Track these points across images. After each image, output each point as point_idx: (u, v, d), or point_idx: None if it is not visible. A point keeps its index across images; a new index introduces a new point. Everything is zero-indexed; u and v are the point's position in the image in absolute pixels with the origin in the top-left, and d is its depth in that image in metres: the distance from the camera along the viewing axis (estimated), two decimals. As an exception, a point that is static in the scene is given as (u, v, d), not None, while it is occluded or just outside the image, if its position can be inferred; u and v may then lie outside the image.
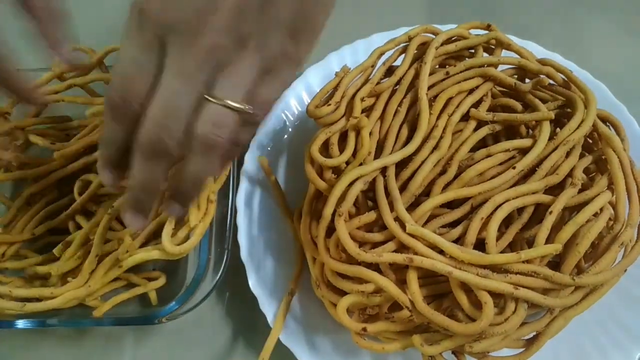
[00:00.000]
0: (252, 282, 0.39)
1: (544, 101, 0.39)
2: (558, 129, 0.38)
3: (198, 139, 0.27)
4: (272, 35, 0.27)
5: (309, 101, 0.47)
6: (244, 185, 0.43)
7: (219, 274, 0.38)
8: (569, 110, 0.39)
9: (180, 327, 0.42)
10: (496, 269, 0.32)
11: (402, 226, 0.33)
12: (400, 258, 0.32)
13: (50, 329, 0.42)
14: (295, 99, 0.47)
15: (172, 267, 0.42)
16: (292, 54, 0.29)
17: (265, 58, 0.27)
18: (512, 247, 0.35)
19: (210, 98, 0.26)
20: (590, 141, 0.39)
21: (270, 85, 0.29)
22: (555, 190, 0.36)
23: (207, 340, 0.42)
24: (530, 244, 0.35)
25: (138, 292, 0.40)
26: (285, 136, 0.46)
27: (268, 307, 0.39)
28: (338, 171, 0.37)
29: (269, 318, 0.38)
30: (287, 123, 0.47)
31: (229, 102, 0.26)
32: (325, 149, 0.38)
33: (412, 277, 0.32)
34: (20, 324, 0.37)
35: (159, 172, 0.28)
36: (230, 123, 0.27)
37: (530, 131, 0.39)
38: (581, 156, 0.37)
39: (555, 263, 0.35)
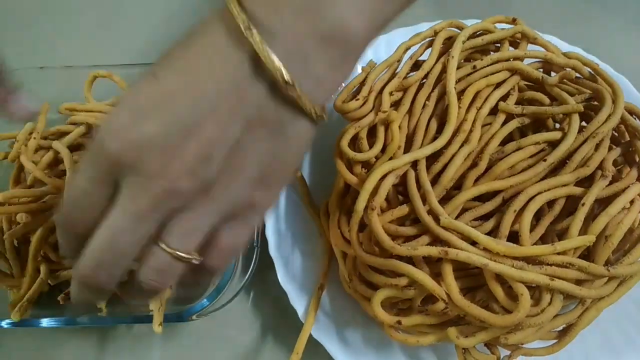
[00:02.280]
0: (282, 278, 0.39)
1: (569, 95, 0.39)
2: (583, 122, 0.38)
3: (139, 282, 0.25)
4: (239, 183, 0.25)
5: (333, 95, 0.48)
6: (269, 181, 0.43)
7: (250, 271, 0.38)
8: (595, 103, 0.39)
9: (207, 325, 0.42)
10: (530, 260, 0.32)
11: (436, 219, 0.34)
12: (435, 251, 0.32)
13: (78, 328, 0.42)
14: (318, 94, 0.47)
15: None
16: (260, 201, 0.26)
17: (228, 205, 0.25)
18: (543, 239, 0.36)
19: (159, 243, 0.24)
20: (617, 134, 0.39)
21: (232, 232, 0.26)
22: (583, 182, 0.36)
23: (235, 338, 0.42)
24: (560, 236, 0.35)
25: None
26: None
27: (298, 302, 0.39)
28: (367, 166, 0.37)
29: (300, 313, 0.38)
30: (310, 119, 0.47)
31: (178, 252, 0.24)
32: (352, 143, 0.38)
33: (448, 270, 0.32)
34: (49, 322, 0.37)
35: (94, 299, 0.27)
36: (177, 271, 0.25)
37: (557, 125, 0.39)
38: (609, 149, 0.37)
39: (583, 255, 0.35)
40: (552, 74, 0.40)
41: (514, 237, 0.34)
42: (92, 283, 0.25)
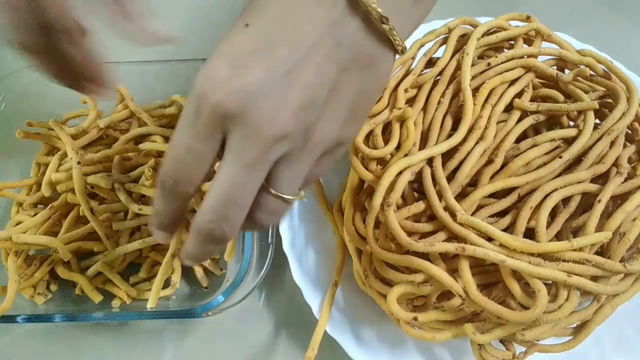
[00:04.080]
0: (296, 274, 0.39)
1: (584, 92, 0.39)
2: (597, 120, 0.38)
3: (254, 223, 0.26)
4: (335, 124, 0.26)
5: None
6: (283, 178, 0.43)
7: (264, 267, 0.38)
8: (609, 100, 0.39)
9: (220, 321, 0.42)
10: (547, 257, 0.32)
11: (452, 216, 0.34)
12: (452, 247, 0.33)
13: (91, 324, 0.42)
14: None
15: (212, 261, 0.43)
16: (348, 137, 0.27)
17: (325, 145, 0.26)
18: (558, 236, 0.36)
19: (270, 190, 0.25)
20: (630, 132, 0.39)
21: (322, 166, 0.27)
22: (598, 180, 0.36)
23: (250, 334, 0.42)
24: (575, 233, 0.36)
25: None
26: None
27: (312, 299, 0.39)
28: (382, 162, 0.37)
29: (314, 309, 0.38)
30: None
31: (287, 196, 0.25)
32: (367, 140, 0.38)
33: (465, 266, 0.32)
34: (63, 317, 0.37)
35: (212, 250, 0.27)
36: (286, 210, 0.27)
37: (570, 122, 0.40)
38: (624, 146, 0.37)
39: (597, 253, 0.35)
40: (566, 71, 0.40)
41: (529, 234, 0.34)
42: (217, 235, 0.25)
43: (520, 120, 0.38)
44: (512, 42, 0.41)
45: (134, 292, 0.40)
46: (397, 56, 0.27)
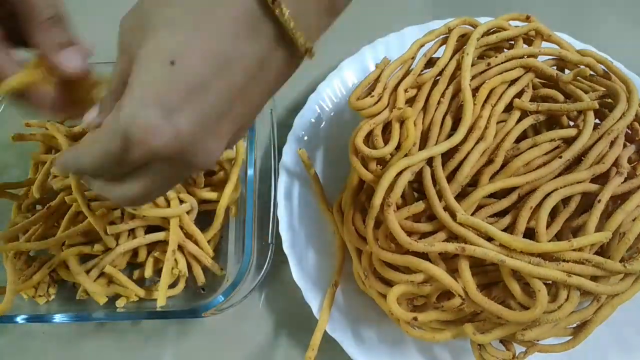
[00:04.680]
0: (296, 274, 0.40)
1: (583, 92, 0.39)
2: (597, 120, 0.38)
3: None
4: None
5: (345, 93, 0.48)
6: (283, 179, 0.43)
7: (264, 268, 0.39)
8: (609, 100, 0.39)
9: (221, 321, 0.42)
10: (547, 257, 0.32)
11: (452, 216, 0.34)
12: (452, 247, 0.33)
13: (91, 324, 0.42)
14: (331, 91, 0.47)
15: (212, 261, 0.42)
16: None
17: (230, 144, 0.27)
18: (558, 236, 0.36)
19: None
20: (630, 132, 0.39)
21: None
22: (598, 180, 0.36)
23: (250, 334, 0.42)
24: (575, 233, 0.36)
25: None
26: (320, 129, 0.47)
27: (312, 299, 0.39)
28: (382, 162, 0.37)
29: (314, 309, 0.39)
30: (322, 116, 0.47)
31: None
32: (367, 140, 0.38)
33: (464, 266, 0.32)
34: (63, 318, 0.37)
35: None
36: None
37: (571, 122, 0.40)
38: (624, 146, 0.37)
39: (596, 253, 0.35)
40: (566, 71, 0.40)
41: (529, 234, 0.34)
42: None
43: (520, 120, 0.38)
44: (512, 42, 0.41)
45: (142, 292, 0.40)
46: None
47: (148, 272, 0.41)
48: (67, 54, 0.29)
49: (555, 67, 0.40)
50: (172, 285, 0.41)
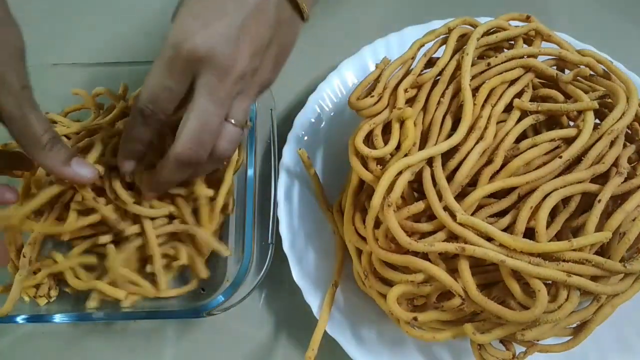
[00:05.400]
0: (296, 274, 0.40)
1: (583, 92, 0.39)
2: (597, 120, 0.38)
3: (218, 153, 0.33)
4: (268, 68, 0.34)
5: (345, 93, 0.48)
6: (283, 179, 0.43)
7: (264, 267, 0.39)
8: (609, 100, 0.39)
9: (222, 321, 0.42)
10: (547, 257, 0.32)
11: (452, 216, 0.34)
12: (452, 247, 0.33)
13: (92, 324, 0.42)
14: (330, 91, 0.47)
15: (212, 261, 0.42)
16: (272, 79, 0.36)
17: (263, 83, 0.35)
18: (558, 236, 0.36)
19: (230, 121, 0.33)
20: (630, 132, 0.39)
21: (253, 100, 0.35)
22: (598, 180, 0.36)
23: (250, 334, 0.42)
24: (575, 233, 0.36)
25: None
26: (320, 128, 0.47)
27: (312, 299, 0.39)
28: (382, 162, 0.37)
29: (314, 309, 0.39)
30: (322, 116, 0.47)
31: (241, 124, 0.34)
32: (367, 140, 0.38)
33: (464, 266, 0.32)
34: (63, 318, 0.37)
35: (186, 176, 0.35)
36: (240, 139, 0.35)
37: (570, 122, 0.40)
38: (624, 146, 0.37)
39: (596, 253, 0.35)
40: (566, 71, 0.40)
41: (529, 234, 0.34)
42: (193, 159, 0.32)
43: (520, 120, 0.37)
44: (512, 42, 0.41)
45: (152, 291, 0.40)
46: (303, 23, 0.36)
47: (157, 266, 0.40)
48: (77, 166, 0.35)
49: (555, 67, 0.40)
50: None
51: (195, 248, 0.41)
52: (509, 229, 0.34)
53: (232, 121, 0.33)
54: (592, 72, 0.39)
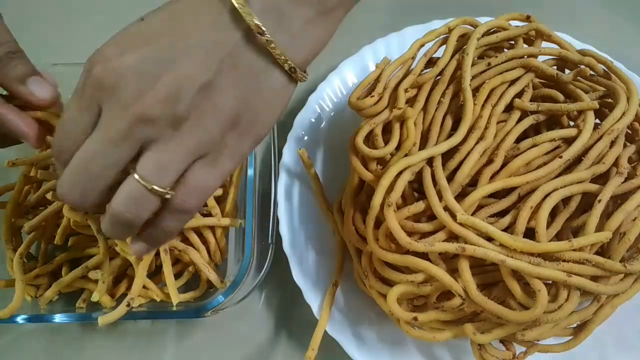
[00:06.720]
0: (296, 274, 0.40)
1: (584, 92, 0.39)
2: (597, 120, 0.38)
3: (110, 211, 0.26)
4: (209, 123, 0.26)
5: (345, 93, 0.48)
6: (283, 179, 0.43)
7: (264, 267, 0.39)
8: (609, 100, 0.39)
9: (222, 321, 0.42)
10: (547, 257, 0.32)
11: (452, 216, 0.34)
12: (452, 247, 0.33)
13: (92, 324, 0.42)
14: (331, 91, 0.47)
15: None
16: (233, 146, 0.27)
17: (198, 143, 0.26)
18: (558, 236, 0.36)
19: (133, 174, 0.26)
20: (630, 132, 0.39)
21: (204, 172, 0.27)
22: (598, 180, 0.36)
23: (250, 334, 0.42)
24: (575, 233, 0.36)
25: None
26: (320, 128, 0.47)
27: (312, 298, 0.39)
28: (382, 162, 0.37)
29: (314, 309, 0.39)
30: (322, 116, 0.47)
31: (149, 182, 0.25)
32: (367, 140, 0.38)
33: (465, 267, 0.32)
34: (62, 318, 0.37)
35: (121, 235, 0.28)
36: (149, 206, 0.26)
37: (571, 122, 0.40)
38: (624, 146, 0.37)
39: (596, 253, 0.35)
40: (566, 71, 0.40)
41: (529, 234, 0.34)
42: (68, 201, 0.27)
43: (520, 120, 0.38)
44: (512, 42, 0.41)
45: (160, 293, 0.40)
46: (292, 82, 0.28)
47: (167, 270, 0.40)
48: (34, 85, 0.31)
49: (555, 67, 0.40)
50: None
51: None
52: (509, 229, 0.34)
53: (136, 175, 0.25)
54: (592, 72, 0.39)
